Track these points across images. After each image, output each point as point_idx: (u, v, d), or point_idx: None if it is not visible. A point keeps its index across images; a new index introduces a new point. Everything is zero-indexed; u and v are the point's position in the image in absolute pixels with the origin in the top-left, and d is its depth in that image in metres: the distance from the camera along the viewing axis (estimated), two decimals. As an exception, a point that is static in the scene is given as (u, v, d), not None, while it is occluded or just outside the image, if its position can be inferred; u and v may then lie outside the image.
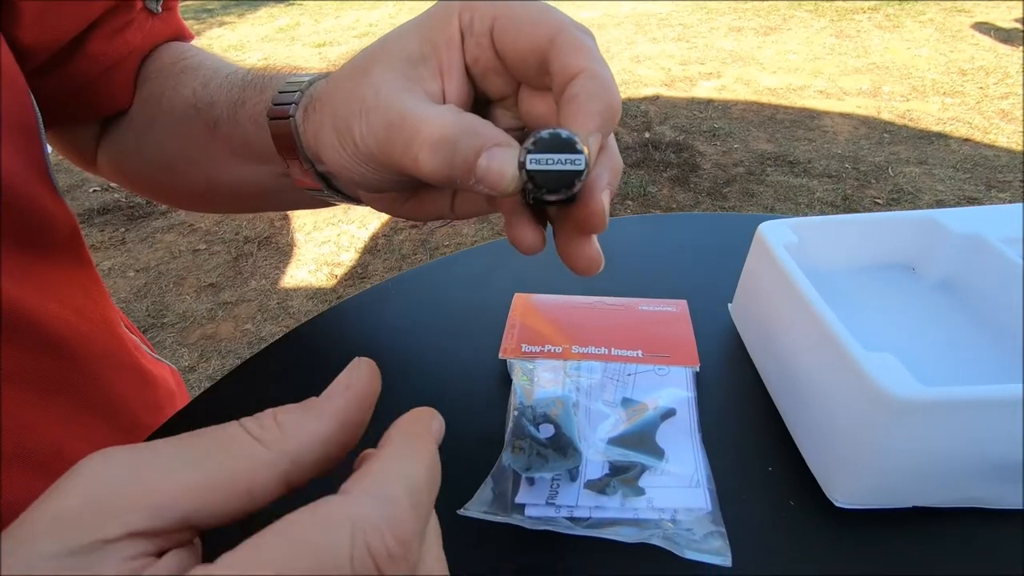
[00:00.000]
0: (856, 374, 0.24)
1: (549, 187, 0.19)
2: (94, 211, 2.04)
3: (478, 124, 0.21)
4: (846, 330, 0.25)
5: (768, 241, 0.31)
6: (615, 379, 0.32)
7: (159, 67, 0.35)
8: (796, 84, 2.73)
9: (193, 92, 0.33)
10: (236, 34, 3.81)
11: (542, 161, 0.19)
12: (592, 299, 0.38)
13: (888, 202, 1.93)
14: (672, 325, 0.36)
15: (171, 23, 0.36)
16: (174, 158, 0.34)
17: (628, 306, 0.38)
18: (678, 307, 0.37)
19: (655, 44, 3.27)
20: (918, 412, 0.23)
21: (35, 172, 0.28)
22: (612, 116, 0.20)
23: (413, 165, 0.21)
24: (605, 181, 0.21)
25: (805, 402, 0.28)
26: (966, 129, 2.30)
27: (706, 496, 0.27)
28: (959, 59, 2.86)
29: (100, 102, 0.34)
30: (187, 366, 1.45)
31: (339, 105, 0.23)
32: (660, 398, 0.31)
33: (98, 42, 0.32)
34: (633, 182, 2.06)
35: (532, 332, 0.36)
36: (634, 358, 0.33)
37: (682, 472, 0.28)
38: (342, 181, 0.28)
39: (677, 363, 0.33)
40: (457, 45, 0.22)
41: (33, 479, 0.27)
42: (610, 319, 0.37)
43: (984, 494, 0.25)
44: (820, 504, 0.27)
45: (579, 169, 0.19)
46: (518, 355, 0.34)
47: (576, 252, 0.22)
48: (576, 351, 0.34)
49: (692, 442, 0.29)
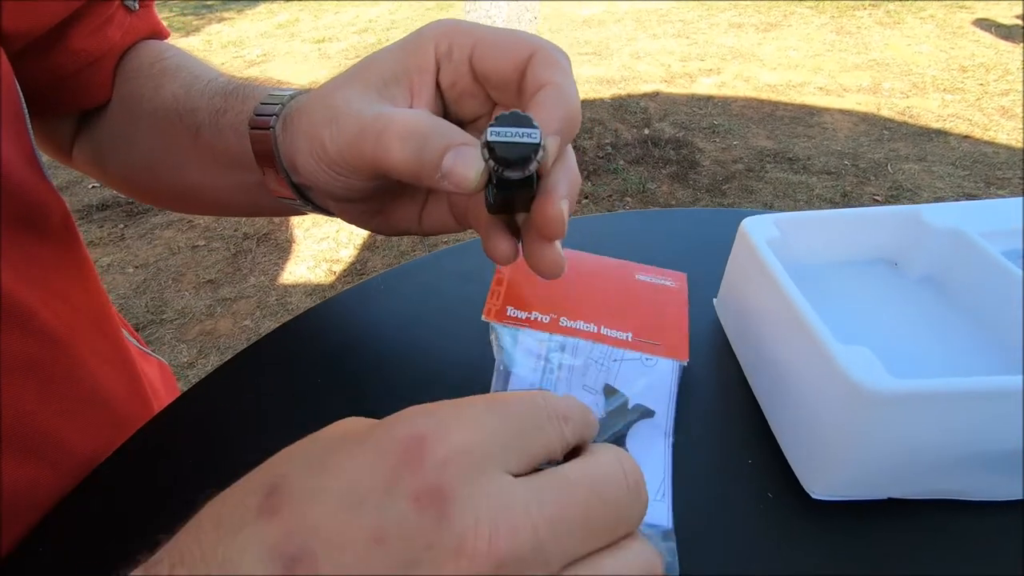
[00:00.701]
0: (831, 367, 0.24)
1: (508, 161, 0.20)
2: (93, 207, 2.05)
3: (448, 125, 0.22)
4: (822, 323, 0.26)
5: (750, 236, 0.32)
6: (600, 363, 0.31)
7: (138, 66, 0.35)
8: (796, 81, 2.73)
9: (174, 96, 0.33)
10: (235, 30, 3.81)
11: (501, 134, 0.20)
12: (589, 256, 0.36)
13: (887, 199, 1.93)
14: (668, 304, 0.34)
15: (148, 20, 0.37)
16: (155, 159, 0.35)
17: (625, 272, 0.35)
18: (677, 281, 0.35)
19: (655, 40, 3.26)
20: (892, 405, 0.23)
21: (25, 158, 0.29)
22: (571, 124, 0.22)
23: (384, 156, 0.22)
24: (563, 189, 0.22)
25: (783, 395, 0.29)
26: (966, 126, 2.30)
27: (667, 512, 0.26)
28: (960, 56, 2.85)
29: (79, 96, 0.34)
30: (186, 362, 1.45)
31: (313, 114, 0.25)
32: (642, 392, 0.30)
33: (80, 38, 0.32)
34: (632, 179, 2.06)
35: (520, 292, 0.33)
36: (623, 341, 0.32)
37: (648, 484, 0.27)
38: (314, 192, 0.30)
39: (666, 354, 0.31)
40: (431, 71, 0.24)
41: (33, 467, 0.28)
42: (605, 288, 0.34)
43: (960, 486, 0.26)
44: (798, 496, 0.27)
45: (535, 142, 0.20)
46: (503, 319, 0.32)
47: (539, 256, 0.24)
48: (564, 324, 0.32)
49: (664, 445, 0.28)
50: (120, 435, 0.31)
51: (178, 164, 0.34)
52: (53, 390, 0.30)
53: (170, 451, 0.31)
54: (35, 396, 0.29)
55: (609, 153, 2.24)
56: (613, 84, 2.77)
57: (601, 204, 1.95)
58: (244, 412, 0.33)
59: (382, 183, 0.26)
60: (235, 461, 0.30)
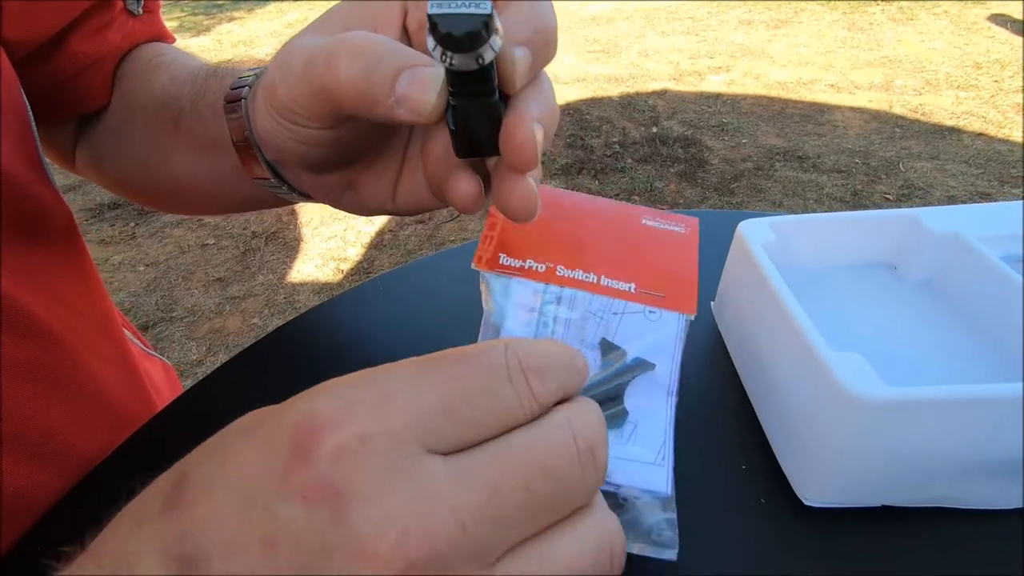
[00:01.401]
0: (823, 374, 0.24)
1: (454, 39, 0.17)
2: (104, 206, 2.07)
3: (405, 48, 0.20)
4: (815, 329, 0.25)
5: (746, 240, 0.31)
6: (598, 316, 0.28)
7: (135, 65, 0.35)
8: (807, 78, 2.70)
9: (162, 87, 0.33)
10: (245, 29, 3.83)
11: (444, 5, 0.17)
12: (592, 198, 0.32)
13: (898, 198, 1.91)
14: (676, 251, 0.30)
15: (151, 25, 0.37)
16: (145, 155, 0.35)
17: (630, 216, 0.32)
18: (687, 227, 0.31)
19: (664, 38, 3.25)
20: (884, 412, 0.23)
21: (29, 162, 0.29)
22: (543, 37, 0.19)
23: (332, 78, 0.20)
24: (535, 112, 0.20)
25: (777, 401, 0.28)
26: (980, 123, 2.27)
27: (667, 478, 0.23)
28: (974, 52, 2.81)
29: (78, 100, 0.35)
30: (195, 359, 1.47)
31: (269, 67, 0.24)
32: (644, 350, 0.27)
33: (78, 41, 0.32)
34: (640, 177, 2.05)
35: (515, 238, 0.30)
36: (625, 292, 0.28)
37: (646, 446, 0.24)
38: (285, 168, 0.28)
39: (671, 306, 0.28)
40: (396, 14, 0.22)
41: (34, 468, 0.28)
42: (607, 233, 0.31)
43: (954, 494, 0.25)
44: (791, 503, 0.27)
45: (484, 12, 0.17)
46: (495, 267, 0.28)
47: (509, 191, 0.21)
48: (561, 274, 0.29)
49: (667, 404, 0.25)
50: (122, 436, 0.32)
51: (165, 159, 0.34)
52: (54, 392, 0.30)
53: (170, 450, 0.31)
54: (36, 398, 0.29)
55: (617, 151, 2.23)
56: (621, 82, 2.76)
57: (608, 203, 1.95)
58: (244, 412, 0.33)
59: (340, 133, 0.24)
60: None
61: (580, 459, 0.14)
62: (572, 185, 2.03)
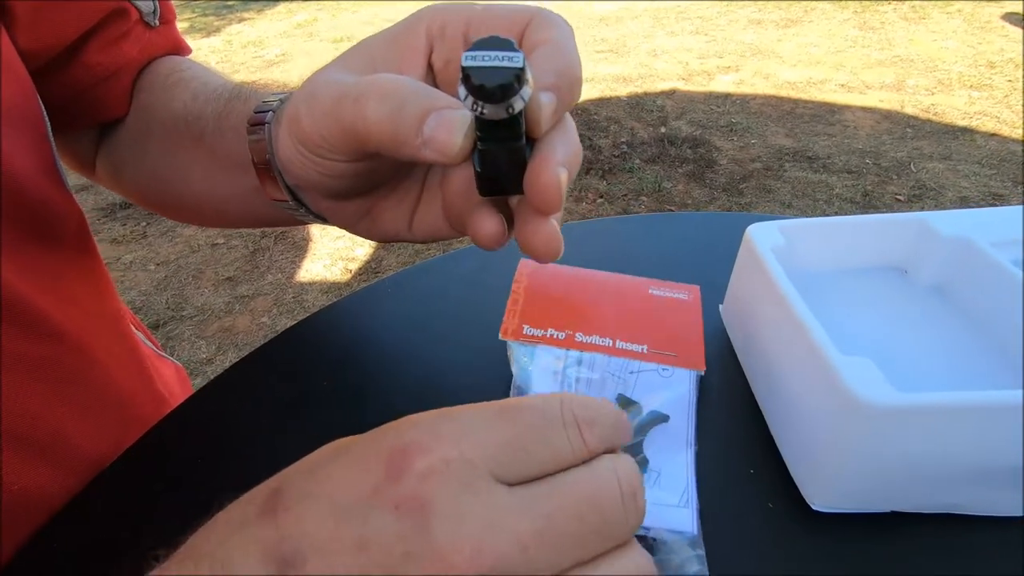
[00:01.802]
0: (831, 378, 0.24)
1: (486, 91, 0.17)
2: (116, 205, 2.09)
3: (432, 90, 0.21)
4: (824, 333, 0.25)
5: (755, 243, 0.31)
6: (616, 376, 0.31)
7: (153, 79, 0.36)
8: (817, 78, 2.68)
9: (184, 105, 0.34)
10: (255, 30, 3.85)
11: (478, 58, 0.17)
12: (601, 273, 0.37)
13: (910, 199, 1.89)
14: (682, 315, 0.34)
15: (168, 37, 0.37)
16: (163, 169, 0.35)
17: (638, 287, 0.36)
18: (690, 294, 0.36)
19: (673, 38, 3.23)
20: (892, 418, 0.23)
21: (42, 167, 0.30)
22: (569, 81, 0.20)
23: (361, 119, 0.21)
24: (560, 156, 0.20)
25: (785, 405, 0.28)
26: (993, 123, 2.24)
27: (692, 519, 0.26)
28: (988, 51, 2.78)
29: (96, 110, 0.35)
30: (204, 358, 1.48)
31: (294, 97, 0.24)
32: (658, 400, 0.30)
33: (94, 52, 0.33)
34: (648, 178, 2.04)
35: (535, 312, 0.34)
36: (639, 354, 0.32)
37: (670, 490, 0.27)
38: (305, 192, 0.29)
39: (682, 364, 0.32)
40: (422, 51, 0.23)
41: (41, 468, 0.29)
42: (618, 303, 0.35)
43: (963, 500, 0.25)
44: (798, 507, 0.27)
45: (517, 66, 0.17)
46: (519, 337, 0.32)
47: (533, 231, 0.22)
48: (580, 340, 0.32)
49: (686, 454, 0.28)
50: (133, 437, 0.32)
51: (183, 174, 0.35)
52: (64, 392, 0.30)
53: (180, 450, 0.32)
54: (45, 397, 0.29)
55: (625, 152, 2.22)
56: (629, 82, 2.75)
57: (616, 203, 1.94)
58: (253, 412, 0.34)
59: (362, 166, 0.24)
60: (244, 460, 0.31)
61: (623, 499, 0.16)
62: (580, 185, 2.03)
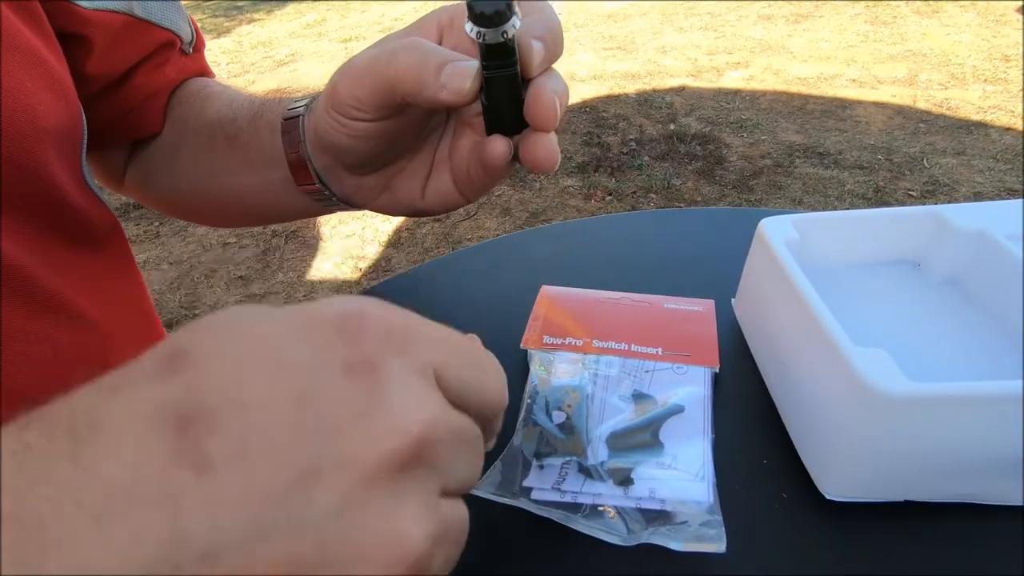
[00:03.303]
0: (846, 369, 0.24)
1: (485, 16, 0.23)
2: (130, 206, 2.12)
3: (447, 51, 0.26)
4: (838, 325, 0.26)
5: (768, 237, 0.32)
6: (632, 375, 0.32)
7: (187, 94, 0.40)
8: (828, 73, 2.66)
9: (217, 112, 0.37)
10: (265, 30, 3.88)
11: None
12: (618, 294, 0.39)
13: (923, 195, 1.87)
14: (696, 324, 0.36)
15: (199, 62, 0.42)
16: (193, 172, 0.38)
17: (653, 303, 0.38)
18: (704, 306, 0.37)
19: (682, 34, 3.22)
20: (907, 407, 0.23)
21: (74, 178, 0.32)
22: (554, 36, 0.26)
23: (393, 68, 0.26)
24: (551, 86, 0.26)
25: (799, 396, 0.29)
26: (1008, 118, 2.22)
27: (708, 490, 0.27)
28: (1002, 44, 2.75)
29: (136, 127, 0.38)
30: (218, 356, 1.50)
31: (330, 81, 0.29)
32: (674, 395, 0.31)
33: (143, 75, 0.37)
34: (657, 175, 2.04)
35: (555, 325, 0.36)
36: (653, 355, 0.33)
37: (685, 467, 0.28)
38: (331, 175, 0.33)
39: (696, 362, 0.33)
40: (434, 38, 0.28)
41: None
42: (634, 315, 0.37)
43: (977, 490, 0.25)
44: (812, 497, 0.27)
45: None
46: (539, 346, 0.34)
47: (534, 144, 0.27)
48: (596, 345, 0.34)
49: (702, 441, 0.29)
50: None
51: (215, 173, 0.37)
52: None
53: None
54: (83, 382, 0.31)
55: (634, 149, 2.22)
56: (638, 79, 2.75)
57: (625, 201, 1.94)
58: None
59: (385, 126, 0.29)
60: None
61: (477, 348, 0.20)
62: (589, 183, 2.03)
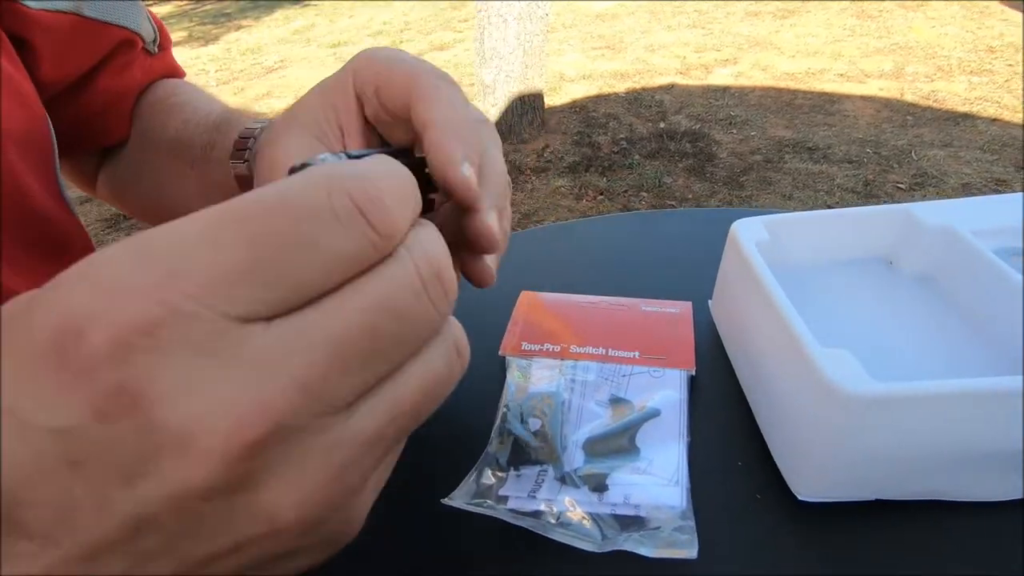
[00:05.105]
0: (811, 370, 0.24)
1: None
2: (120, 216, 2.10)
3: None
4: (804, 326, 0.26)
5: (739, 239, 0.32)
6: (609, 379, 0.33)
7: (152, 102, 0.38)
8: (815, 68, 2.67)
9: (175, 131, 0.35)
10: (253, 37, 3.87)
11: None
12: (596, 298, 0.39)
13: (911, 187, 1.88)
14: (673, 326, 0.36)
15: (165, 62, 0.39)
16: (162, 191, 0.37)
17: (631, 306, 0.38)
18: (681, 309, 0.37)
19: (670, 32, 3.23)
20: (871, 407, 0.23)
21: (48, 190, 0.31)
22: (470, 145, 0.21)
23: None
24: (489, 203, 0.21)
25: (771, 398, 0.29)
26: (994, 109, 2.23)
27: (682, 495, 0.27)
28: (987, 36, 2.76)
29: (101, 133, 0.37)
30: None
31: (261, 165, 0.26)
32: (650, 399, 0.31)
33: (105, 78, 0.35)
34: (648, 173, 2.04)
35: (534, 329, 0.36)
36: (630, 359, 0.34)
37: (660, 472, 0.28)
38: None
39: (672, 365, 0.33)
40: (355, 110, 0.25)
41: None
42: (612, 319, 0.37)
43: (945, 487, 0.26)
44: (786, 498, 0.27)
45: None
46: (517, 352, 0.34)
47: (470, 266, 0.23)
48: (574, 351, 0.34)
49: (678, 445, 0.29)
50: None
51: (182, 196, 0.36)
52: None
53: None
54: None
55: (624, 148, 2.22)
56: (627, 78, 2.75)
57: (617, 200, 1.95)
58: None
59: None
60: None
61: (426, 288, 0.13)
62: (579, 183, 2.03)
